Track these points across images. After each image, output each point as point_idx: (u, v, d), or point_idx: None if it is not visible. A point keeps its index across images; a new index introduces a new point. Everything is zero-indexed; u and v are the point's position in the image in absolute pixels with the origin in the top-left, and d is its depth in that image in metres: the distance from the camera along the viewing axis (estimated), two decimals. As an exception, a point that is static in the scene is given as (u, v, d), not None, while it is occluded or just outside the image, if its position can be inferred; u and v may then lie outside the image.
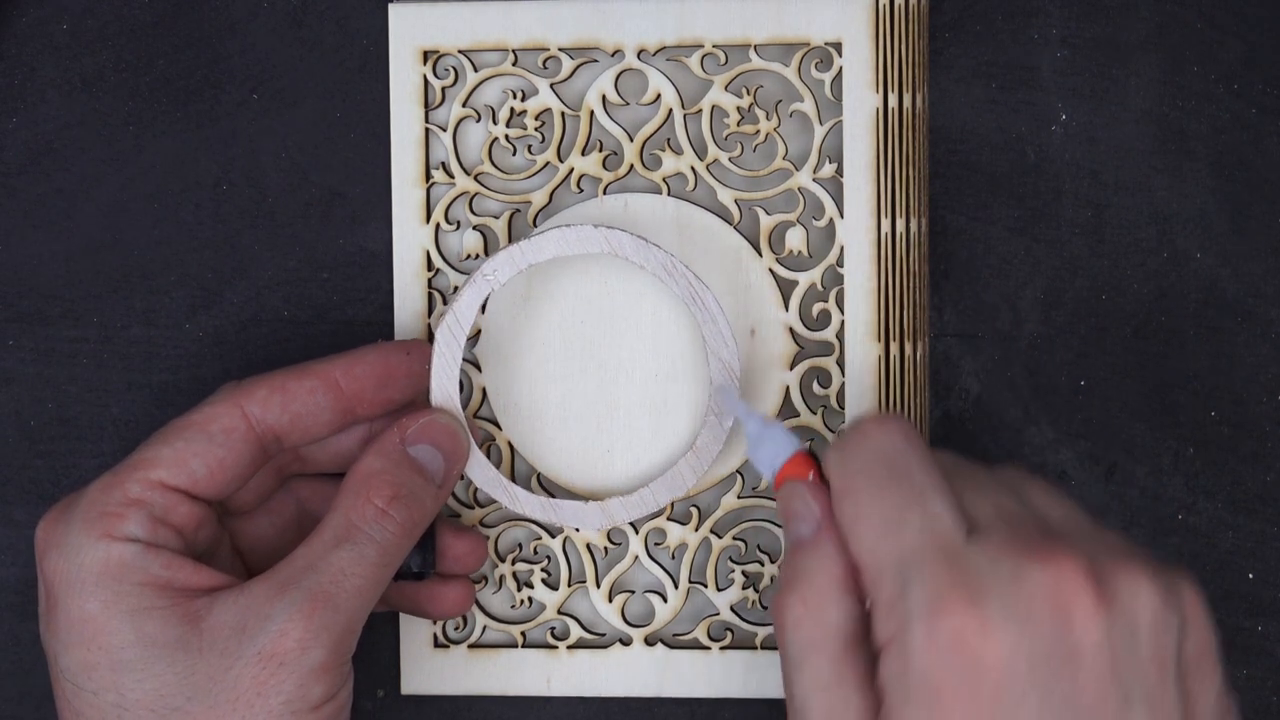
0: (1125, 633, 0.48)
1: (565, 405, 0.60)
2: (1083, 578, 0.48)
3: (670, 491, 0.58)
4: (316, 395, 0.56)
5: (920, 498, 0.49)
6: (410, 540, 0.55)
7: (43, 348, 0.62)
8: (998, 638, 0.47)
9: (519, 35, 0.60)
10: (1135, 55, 0.60)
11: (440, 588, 0.59)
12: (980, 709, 0.47)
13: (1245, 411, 0.61)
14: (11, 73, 0.62)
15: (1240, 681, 0.61)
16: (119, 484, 0.54)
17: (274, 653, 0.52)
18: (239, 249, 0.62)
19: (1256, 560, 0.61)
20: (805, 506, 0.51)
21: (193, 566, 0.54)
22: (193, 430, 0.55)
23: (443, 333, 0.57)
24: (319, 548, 0.54)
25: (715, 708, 0.61)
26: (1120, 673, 0.48)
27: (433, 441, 0.56)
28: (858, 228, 0.59)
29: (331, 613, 0.53)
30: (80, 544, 0.54)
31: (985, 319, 0.61)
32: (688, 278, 0.57)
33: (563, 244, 0.57)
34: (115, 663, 0.53)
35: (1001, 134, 0.61)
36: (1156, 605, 0.48)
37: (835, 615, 0.49)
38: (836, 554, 0.50)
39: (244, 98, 0.62)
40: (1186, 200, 0.61)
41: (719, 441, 0.58)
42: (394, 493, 0.55)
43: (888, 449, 0.50)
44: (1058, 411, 0.61)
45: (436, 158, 0.61)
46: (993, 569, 0.48)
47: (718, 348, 0.57)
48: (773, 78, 0.60)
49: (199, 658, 0.53)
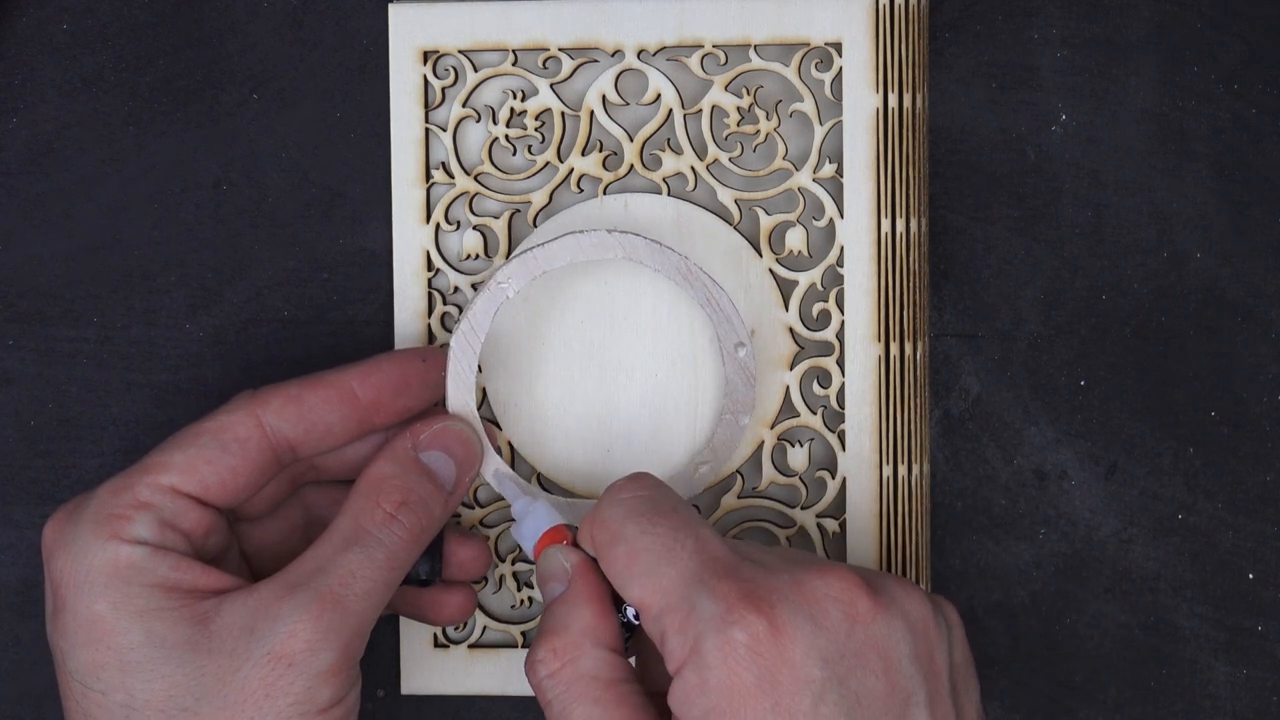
0: (904, 634, 0.50)
1: (565, 405, 0.60)
2: (859, 584, 0.50)
3: (687, 491, 0.58)
4: (332, 405, 0.56)
5: (690, 525, 0.52)
6: (419, 546, 0.55)
7: (43, 348, 0.62)
8: (792, 638, 0.49)
9: (519, 35, 0.60)
10: (1135, 55, 0.60)
11: (444, 594, 0.59)
12: (781, 710, 0.48)
13: (1245, 411, 0.61)
14: (11, 73, 0.62)
15: (1240, 681, 0.61)
16: (129, 487, 0.54)
17: (283, 653, 0.52)
18: (239, 249, 0.62)
19: (1256, 560, 0.61)
20: (558, 566, 0.54)
21: (201, 568, 0.54)
22: (207, 437, 0.55)
23: (458, 340, 0.57)
24: (328, 550, 0.54)
25: (715, 708, 0.61)
26: (905, 672, 0.50)
27: (445, 448, 0.56)
28: (858, 228, 0.59)
29: (340, 614, 0.53)
30: (89, 545, 0.53)
31: (985, 319, 0.61)
32: (703, 281, 0.57)
33: (577, 250, 0.57)
34: (124, 663, 0.53)
35: (1001, 134, 0.61)
36: (928, 613, 0.51)
37: (589, 663, 0.52)
38: (588, 606, 0.52)
39: (244, 98, 0.62)
40: (1186, 200, 0.61)
41: (736, 440, 0.58)
42: (403, 498, 0.55)
43: (646, 493, 0.53)
44: (1058, 411, 0.61)
45: (436, 158, 0.61)
46: (774, 579, 0.50)
47: (733, 349, 0.57)
48: (773, 78, 0.60)
49: (208, 658, 0.53)
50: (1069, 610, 0.61)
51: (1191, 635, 0.61)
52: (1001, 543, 0.61)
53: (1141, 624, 0.61)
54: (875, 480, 0.59)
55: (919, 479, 0.60)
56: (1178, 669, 0.61)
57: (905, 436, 0.59)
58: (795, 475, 0.60)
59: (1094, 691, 0.61)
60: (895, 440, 0.59)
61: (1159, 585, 0.61)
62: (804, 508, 0.60)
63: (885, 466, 0.59)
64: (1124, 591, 0.61)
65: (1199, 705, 0.61)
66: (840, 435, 0.60)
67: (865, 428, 0.59)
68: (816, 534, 0.60)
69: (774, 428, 0.60)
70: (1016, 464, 0.61)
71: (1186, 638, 0.61)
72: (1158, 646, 0.61)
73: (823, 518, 0.60)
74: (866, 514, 0.59)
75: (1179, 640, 0.61)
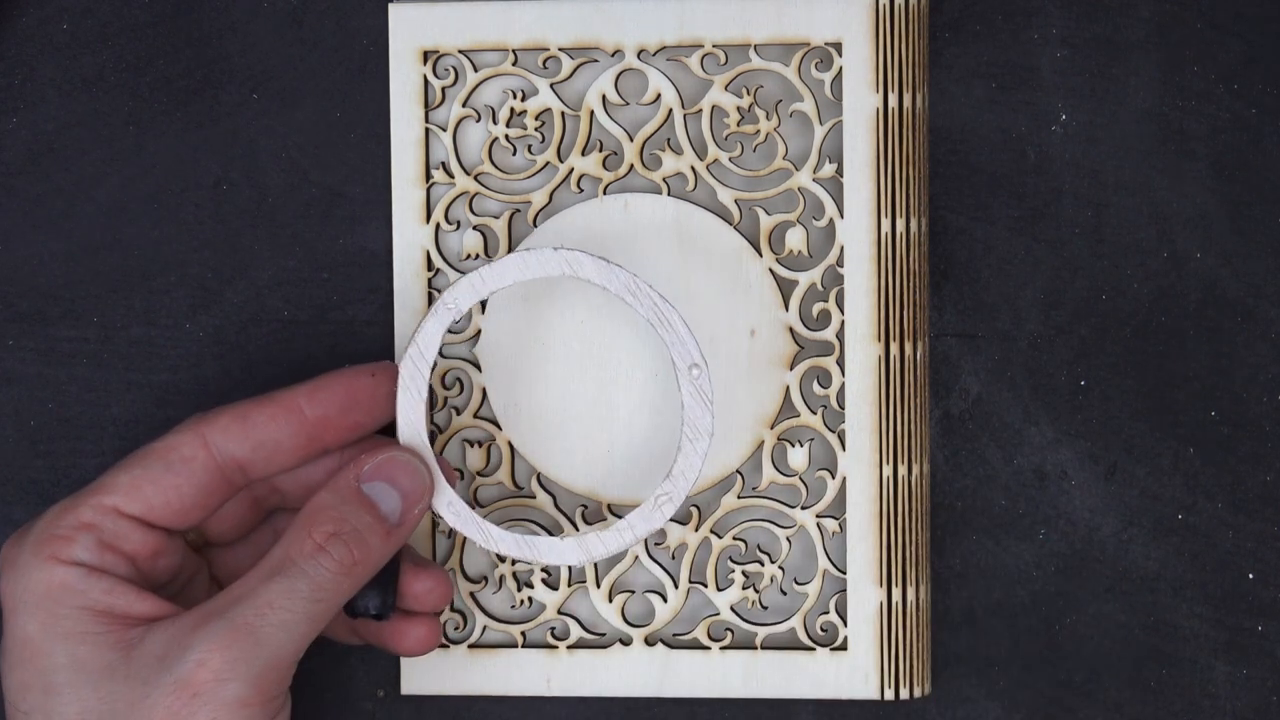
0: None
1: (565, 405, 0.60)
2: None
3: (648, 524, 0.57)
4: (279, 423, 0.55)
5: None
6: (351, 579, 0.54)
7: (43, 348, 0.62)
8: None
9: (519, 35, 0.60)
10: (1135, 55, 0.60)
11: (404, 625, 0.57)
12: None
13: (1245, 411, 0.61)
14: (11, 73, 0.62)
15: (1240, 681, 0.61)
16: (73, 508, 0.54)
17: (190, 682, 0.52)
18: (239, 249, 0.62)
19: (1256, 560, 0.61)
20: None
21: (136, 594, 0.54)
22: (152, 458, 0.55)
23: (406, 366, 0.56)
24: (253, 580, 0.53)
25: (715, 708, 0.61)
26: None
27: (390, 479, 0.55)
28: (858, 228, 0.59)
29: (252, 645, 0.52)
30: (29, 565, 0.53)
31: (985, 319, 0.61)
32: (652, 298, 0.56)
33: (523, 268, 0.56)
34: (47, 685, 0.53)
35: (1001, 134, 0.61)
36: None
37: None
38: None
39: (244, 98, 0.62)
40: (1186, 200, 0.61)
41: (695, 469, 0.57)
42: (336, 529, 0.54)
43: None
44: (1058, 411, 0.61)
45: (436, 158, 0.61)
46: None
47: (687, 370, 0.56)
48: (773, 78, 0.60)
49: (122, 684, 0.52)
50: (1069, 610, 0.61)
51: (1191, 635, 0.61)
52: (1001, 543, 0.61)
53: (1141, 624, 0.61)
54: (875, 480, 0.59)
55: (919, 479, 0.60)
56: (1178, 669, 0.61)
57: (905, 436, 0.59)
58: (795, 475, 0.60)
59: (1094, 691, 0.61)
60: (895, 440, 0.59)
61: (1159, 585, 0.61)
62: (804, 508, 0.60)
63: (885, 466, 0.59)
64: (1124, 591, 0.61)
65: (1199, 705, 0.61)
66: (840, 435, 0.60)
67: (865, 427, 0.59)
68: (816, 534, 0.60)
69: (774, 427, 0.60)
70: (1016, 464, 0.61)
71: (1186, 638, 0.61)
72: (1158, 646, 0.61)
73: (823, 518, 0.60)
74: (866, 514, 0.59)
75: (1179, 640, 0.61)
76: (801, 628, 0.60)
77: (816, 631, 0.60)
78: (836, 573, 0.60)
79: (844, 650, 0.60)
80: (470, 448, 0.61)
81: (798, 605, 0.60)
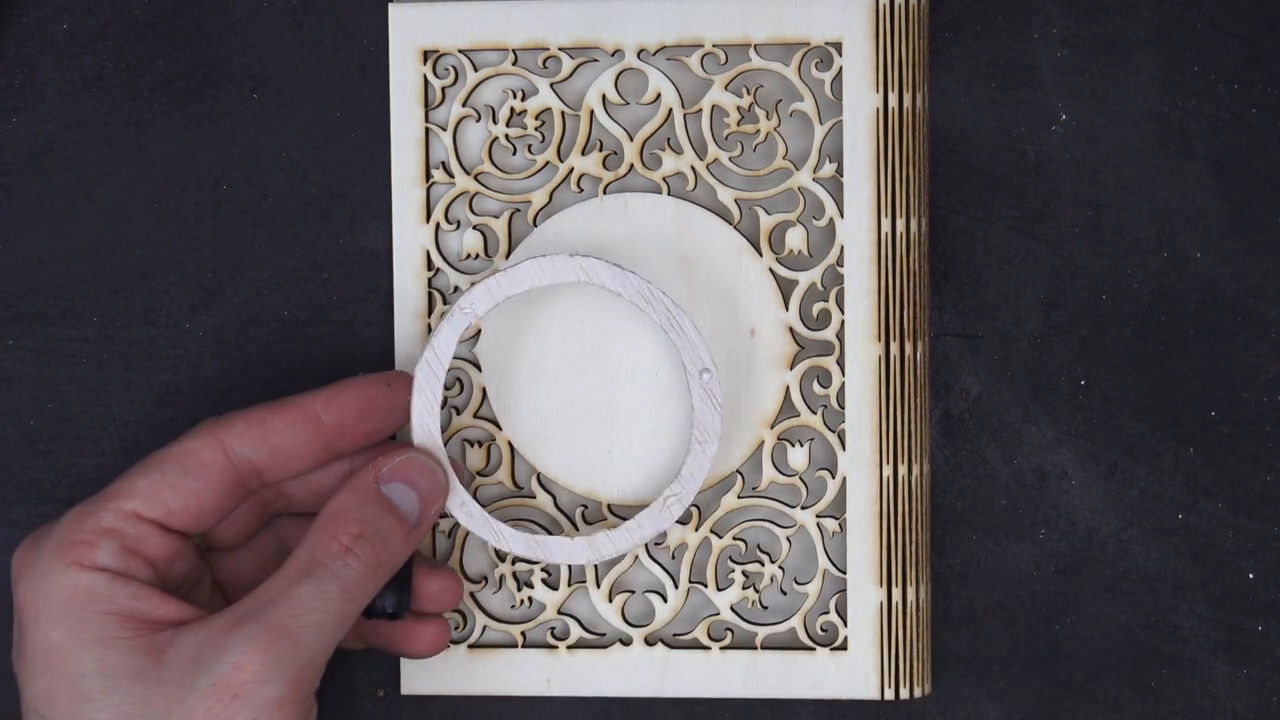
0: None
1: (565, 405, 0.60)
2: None
3: (657, 524, 0.58)
4: (296, 429, 0.56)
5: None
6: (376, 579, 0.55)
7: (43, 348, 0.62)
8: None
9: (519, 35, 0.60)
10: (1135, 55, 0.60)
11: (416, 626, 0.58)
12: None
13: (1245, 411, 0.61)
14: (11, 73, 0.62)
15: (1240, 681, 0.61)
16: (92, 513, 0.54)
17: (229, 685, 0.52)
18: (239, 249, 0.62)
19: (1256, 560, 0.61)
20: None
21: (160, 598, 0.54)
22: (170, 463, 0.55)
23: (422, 370, 0.57)
24: (282, 582, 0.54)
25: (715, 708, 0.61)
26: None
27: (408, 480, 0.56)
28: (858, 227, 0.59)
29: (289, 647, 0.53)
30: (50, 571, 0.53)
31: (985, 319, 0.61)
32: (665, 304, 0.57)
33: (539, 275, 0.57)
34: (76, 692, 0.53)
35: (1001, 134, 0.61)
36: None
37: None
38: None
39: (244, 98, 0.62)
40: (1186, 200, 0.61)
41: (704, 471, 0.58)
42: (360, 530, 0.54)
43: None
44: (1058, 411, 0.61)
45: (436, 157, 0.61)
46: None
47: (698, 375, 0.57)
48: (773, 77, 0.60)
49: (156, 689, 0.52)
50: (1069, 610, 0.61)
51: (1191, 635, 0.61)
52: (1001, 543, 0.61)
53: (1141, 624, 0.61)
54: (875, 480, 0.59)
55: (919, 479, 0.60)
56: (1178, 669, 0.61)
57: (905, 436, 0.59)
58: (795, 475, 0.60)
59: (1094, 691, 0.61)
60: (895, 440, 0.59)
61: (1159, 585, 0.61)
62: (804, 507, 0.60)
63: (885, 466, 0.59)
64: (1124, 591, 0.61)
65: (1199, 705, 0.61)
66: (840, 435, 0.60)
67: (865, 427, 0.59)
68: (816, 534, 0.60)
69: (774, 427, 0.60)
70: (1016, 464, 0.61)
71: (1186, 638, 0.61)
72: (1158, 646, 0.61)
73: (822, 517, 0.60)
74: (866, 514, 0.59)
75: (1179, 640, 0.61)
76: (801, 628, 0.60)
77: (816, 631, 0.60)
78: (836, 573, 0.60)
79: (844, 650, 0.60)
80: (470, 448, 0.61)
81: (798, 605, 0.60)
